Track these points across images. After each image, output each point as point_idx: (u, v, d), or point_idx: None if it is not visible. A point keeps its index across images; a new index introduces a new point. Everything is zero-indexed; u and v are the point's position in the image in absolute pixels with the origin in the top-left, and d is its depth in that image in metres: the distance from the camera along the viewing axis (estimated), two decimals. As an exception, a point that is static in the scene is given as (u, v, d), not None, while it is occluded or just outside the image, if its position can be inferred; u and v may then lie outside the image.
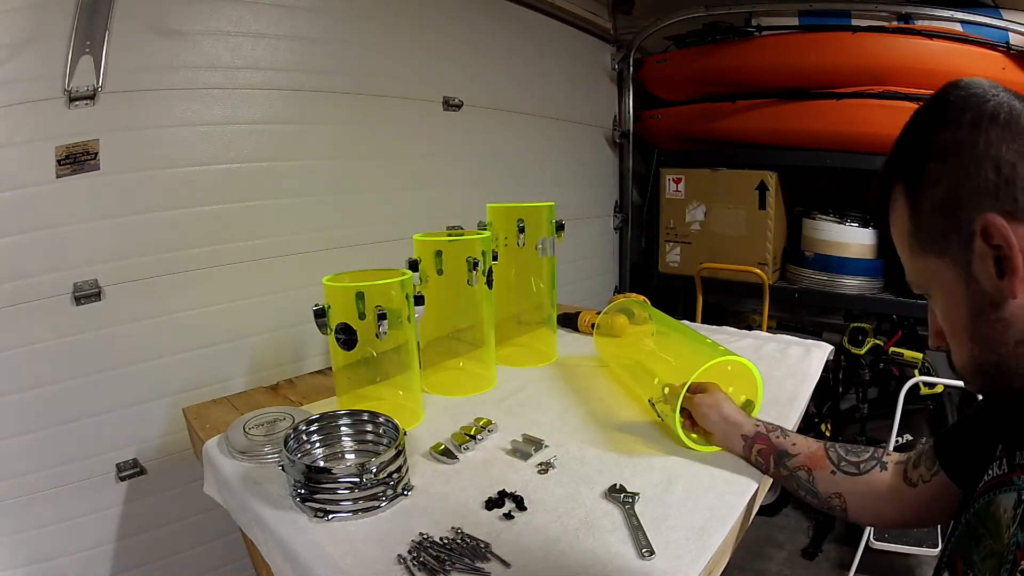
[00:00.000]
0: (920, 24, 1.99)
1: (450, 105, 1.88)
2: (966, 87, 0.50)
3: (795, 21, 2.20)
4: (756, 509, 0.90)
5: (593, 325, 1.44)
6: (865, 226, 2.19)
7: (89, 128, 1.18)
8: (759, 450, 0.87)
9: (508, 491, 0.83)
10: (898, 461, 0.79)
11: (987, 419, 0.65)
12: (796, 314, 2.54)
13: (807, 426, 2.20)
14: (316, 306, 0.98)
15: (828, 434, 2.23)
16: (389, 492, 0.81)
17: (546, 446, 0.97)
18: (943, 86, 0.52)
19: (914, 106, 0.54)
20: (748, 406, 1.00)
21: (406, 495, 0.83)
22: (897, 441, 1.94)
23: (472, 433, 0.99)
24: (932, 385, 1.95)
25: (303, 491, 0.80)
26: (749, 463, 0.89)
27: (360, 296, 0.96)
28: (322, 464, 0.88)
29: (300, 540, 0.75)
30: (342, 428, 0.94)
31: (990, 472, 0.57)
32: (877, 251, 2.21)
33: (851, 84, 2.04)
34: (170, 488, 1.36)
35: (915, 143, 0.52)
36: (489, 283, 1.19)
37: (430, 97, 1.84)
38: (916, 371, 2.02)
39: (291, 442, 0.87)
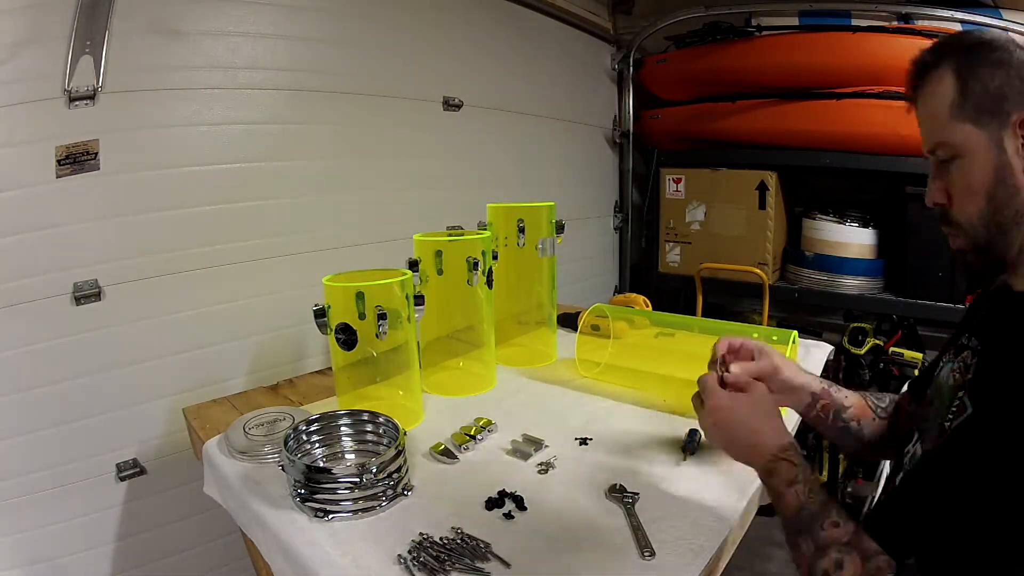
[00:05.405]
0: (920, 24, 1.99)
1: (450, 105, 1.88)
2: (998, 33, 0.69)
3: (795, 21, 2.20)
4: (756, 509, 0.90)
5: (595, 327, 1.43)
6: (865, 226, 2.19)
7: (89, 128, 1.18)
8: (823, 405, 0.94)
9: (508, 491, 0.83)
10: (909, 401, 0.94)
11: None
12: (796, 314, 2.54)
13: (807, 427, 2.20)
14: (316, 306, 0.99)
15: (828, 434, 2.22)
16: (389, 492, 0.81)
17: (546, 446, 0.97)
18: (969, 30, 0.66)
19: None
20: None
21: (406, 495, 0.83)
22: (897, 441, 1.94)
23: (472, 433, 0.99)
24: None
25: (303, 491, 0.80)
26: (807, 419, 0.95)
27: (360, 296, 0.96)
28: (322, 464, 0.88)
29: (300, 540, 0.75)
30: (342, 428, 0.94)
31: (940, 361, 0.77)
32: (877, 251, 2.21)
33: (851, 84, 2.04)
34: (170, 488, 1.36)
35: (971, 49, 0.68)
36: (489, 283, 1.19)
37: (430, 97, 1.84)
38: (916, 371, 2.02)
39: (291, 442, 0.87)
